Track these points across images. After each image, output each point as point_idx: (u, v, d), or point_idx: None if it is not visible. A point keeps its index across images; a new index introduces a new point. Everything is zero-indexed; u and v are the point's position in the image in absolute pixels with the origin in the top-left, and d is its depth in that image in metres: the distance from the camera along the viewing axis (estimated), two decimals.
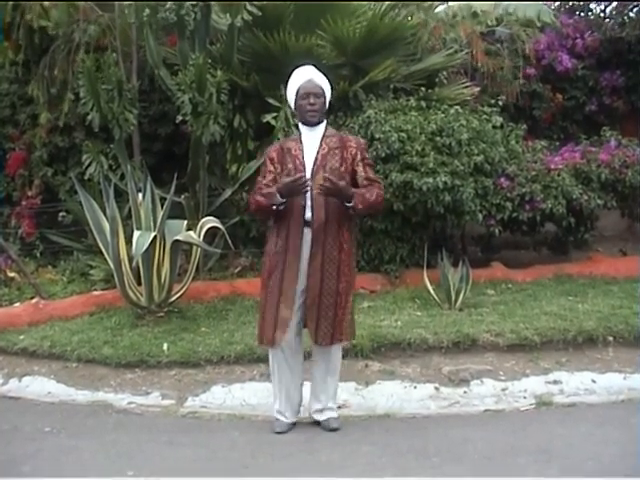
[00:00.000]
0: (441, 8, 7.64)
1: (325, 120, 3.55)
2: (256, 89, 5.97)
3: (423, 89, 6.09)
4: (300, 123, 3.55)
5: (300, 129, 3.55)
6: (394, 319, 4.75)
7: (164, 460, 3.24)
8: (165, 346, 4.48)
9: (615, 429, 3.39)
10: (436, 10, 7.49)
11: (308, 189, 3.32)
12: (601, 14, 8.76)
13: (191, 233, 4.89)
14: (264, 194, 3.40)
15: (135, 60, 5.94)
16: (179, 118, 5.52)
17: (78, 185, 5.19)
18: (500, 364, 4.21)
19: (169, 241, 4.78)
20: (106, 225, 4.96)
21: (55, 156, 6.87)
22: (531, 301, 5.12)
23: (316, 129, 3.49)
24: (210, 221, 5.09)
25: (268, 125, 5.71)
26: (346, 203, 3.35)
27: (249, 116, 6.05)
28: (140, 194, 5.09)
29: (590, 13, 8.82)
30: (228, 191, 5.99)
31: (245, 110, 6.06)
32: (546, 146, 6.34)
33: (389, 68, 5.97)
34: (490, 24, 7.48)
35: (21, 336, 4.87)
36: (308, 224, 3.37)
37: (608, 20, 8.37)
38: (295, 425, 3.55)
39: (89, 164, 5.81)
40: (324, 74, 3.55)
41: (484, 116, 5.81)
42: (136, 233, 4.63)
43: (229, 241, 5.14)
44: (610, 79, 7.98)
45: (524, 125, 6.48)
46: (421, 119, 5.55)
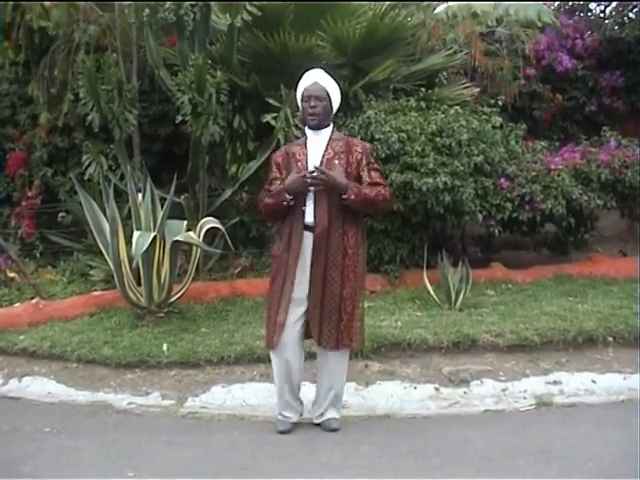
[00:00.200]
0: (441, 8, 7.65)
1: (331, 124, 3.52)
2: (256, 89, 5.97)
3: (423, 89, 6.09)
4: (306, 127, 3.54)
5: (306, 133, 3.54)
6: (394, 319, 4.74)
7: (164, 460, 3.24)
8: (165, 346, 4.48)
9: (615, 430, 3.39)
10: (436, 10, 7.49)
11: (313, 185, 3.31)
12: (601, 14, 8.76)
13: (191, 233, 4.89)
14: (272, 195, 3.42)
15: (135, 60, 5.94)
16: (179, 118, 5.52)
17: (78, 185, 5.19)
18: (500, 364, 4.21)
19: (169, 241, 4.78)
20: (106, 225, 4.96)
21: (55, 156, 6.88)
22: (531, 301, 5.12)
23: (321, 133, 3.48)
24: (210, 221, 5.09)
25: (268, 125, 5.71)
26: (342, 196, 3.33)
27: (249, 116, 6.05)
28: (140, 194, 5.09)
29: (590, 13, 8.82)
30: (228, 191, 6.00)
31: (245, 110, 6.06)
32: (546, 146, 6.34)
33: (389, 68, 5.97)
34: (490, 24, 7.49)
35: (21, 336, 4.87)
36: (310, 228, 3.37)
37: (608, 20, 8.37)
38: (297, 425, 3.55)
39: (89, 164, 5.81)
40: (333, 77, 3.52)
41: (484, 116, 5.81)
42: (136, 233, 4.63)
43: (229, 241, 5.14)
44: (610, 79, 7.98)
45: (524, 125, 6.48)
46: (421, 119, 5.55)
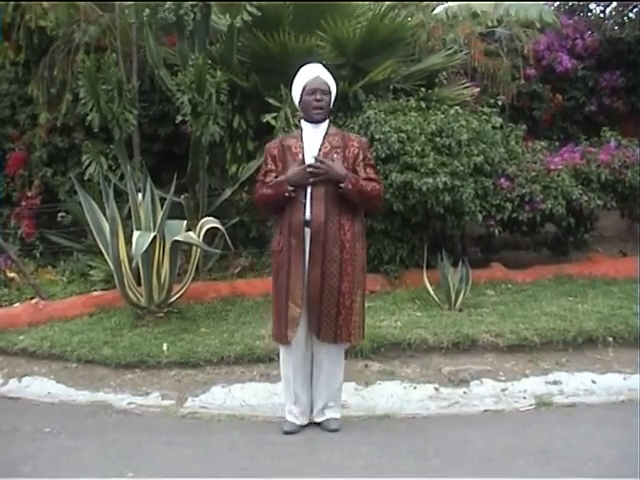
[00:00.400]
0: (441, 8, 7.65)
1: (328, 119, 3.54)
2: (256, 89, 5.97)
3: (423, 90, 6.09)
4: (303, 120, 3.53)
5: (302, 126, 3.53)
6: (394, 319, 4.74)
7: (164, 461, 3.24)
8: (165, 346, 4.48)
9: (615, 430, 3.39)
10: (436, 10, 7.49)
11: (314, 175, 3.31)
12: (601, 15, 8.77)
13: (191, 233, 4.89)
14: (271, 186, 3.40)
15: (135, 60, 5.94)
16: (179, 118, 5.53)
17: (78, 185, 5.19)
18: (500, 364, 4.21)
19: (169, 241, 4.78)
20: (106, 225, 4.96)
21: (55, 156, 6.88)
22: (531, 302, 5.12)
23: (319, 127, 3.48)
24: (210, 221, 5.08)
25: (268, 125, 5.70)
26: (339, 185, 3.34)
27: (249, 116, 6.05)
28: (140, 194, 5.09)
29: (590, 14, 8.82)
30: (228, 191, 6.00)
31: (245, 110, 6.06)
32: (546, 147, 6.34)
33: (389, 69, 5.97)
34: (490, 25, 7.49)
35: (21, 336, 4.87)
36: (307, 223, 3.37)
37: (608, 21, 8.37)
38: (304, 427, 3.52)
39: (89, 164, 5.81)
40: (330, 72, 3.54)
41: (484, 117, 5.81)
42: (136, 233, 4.63)
43: (229, 241, 5.14)
44: (610, 79, 7.98)
45: (524, 126, 6.48)
46: (421, 120, 5.55)
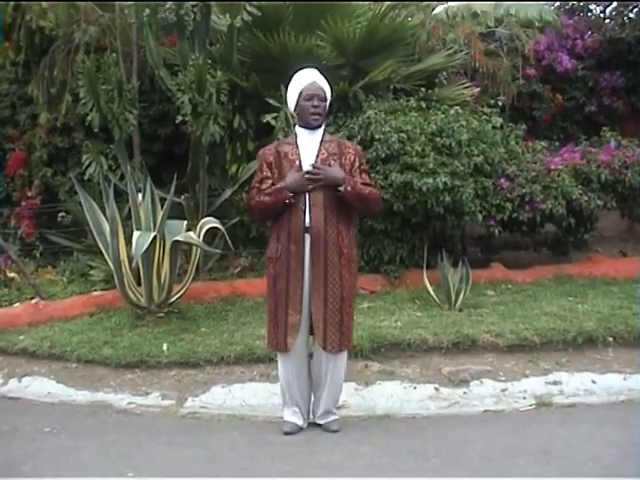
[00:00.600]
0: (441, 8, 7.65)
1: (324, 125, 3.51)
2: (256, 89, 5.98)
3: (423, 90, 6.09)
4: (298, 126, 3.49)
5: (297, 132, 3.49)
6: (394, 319, 4.75)
7: (164, 461, 3.23)
8: (165, 346, 4.48)
9: (615, 430, 3.39)
10: (436, 10, 7.50)
11: (314, 181, 3.30)
12: (601, 15, 8.77)
13: (191, 233, 4.89)
14: (270, 193, 3.37)
15: (135, 60, 5.94)
16: (179, 118, 5.52)
17: (78, 185, 5.19)
18: (500, 365, 4.21)
19: (169, 241, 4.78)
20: (106, 225, 4.96)
21: (55, 156, 6.89)
22: (531, 302, 5.12)
23: (315, 133, 3.45)
24: (210, 221, 5.08)
25: (268, 125, 5.71)
26: (338, 188, 3.32)
27: (249, 116, 6.06)
28: (140, 194, 5.09)
29: (590, 14, 8.82)
30: (228, 191, 6.00)
31: (245, 110, 6.07)
32: (546, 147, 6.34)
33: (389, 69, 5.97)
34: (490, 25, 7.49)
35: (21, 336, 4.87)
36: (307, 230, 3.34)
37: (608, 21, 8.38)
38: (304, 428, 3.52)
39: (89, 164, 5.81)
40: (325, 77, 3.52)
41: (484, 117, 5.82)
42: (136, 233, 4.63)
43: (229, 241, 5.14)
44: (610, 80, 7.98)
45: (524, 126, 6.48)
46: (421, 120, 5.55)
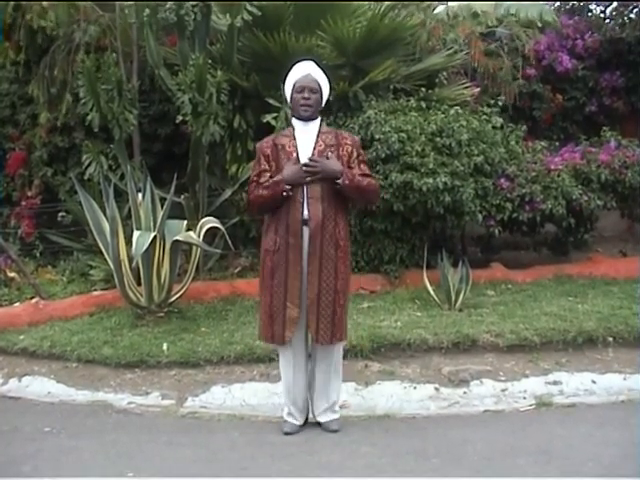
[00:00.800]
0: (441, 8, 7.65)
1: (320, 117, 3.51)
2: (256, 89, 5.97)
3: (423, 89, 6.08)
4: (294, 118, 3.51)
5: (294, 124, 3.50)
6: (394, 319, 4.74)
7: (164, 460, 3.24)
8: (165, 346, 4.48)
9: (615, 430, 3.39)
10: (436, 10, 7.49)
11: (311, 174, 3.30)
12: (601, 15, 8.77)
13: (191, 233, 4.89)
14: (267, 186, 3.37)
15: (135, 60, 5.94)
16: (179, 118, 5.52)
17: (78, 185, 5.19)
18: (500, 365, 4.21)
19: (169, 241, 4.78)
20: (106, 225, 4.96)
21: (55, 156, 6.88)
22: (531, 302, 5.12)
23: (310, 125, 3.45)
24: (210, 221, 5.08)
25: (268, 125, 5.70)
26: (335, 181, 3.32)
27: (249, 116, 6.05)
28: (140, 194, 5.09)
29: (590, 14, 8.82)
30: (228, 191, 6.00)
31: (245, 110, 6.06)
32: (546, 147, 6.34)
33: (389, 68, 5.97)
34: (490, 24, 7.49)
35: (21, 336, 4.87)
36: (306, 222, 3.34)
37: (608, 21, 8.38)
38: (304, 428, 3.52)
39: (89, 164, 5.81)
40: (323, 71, 3.52)
41: (484, 117, 5.81)
42: (136, 233, 4.63)
43: (229, 241, 5.14)
44: (610, 80, 7.98)
45: (524, 126, 6.48)
46: (421, 120, 5.55)
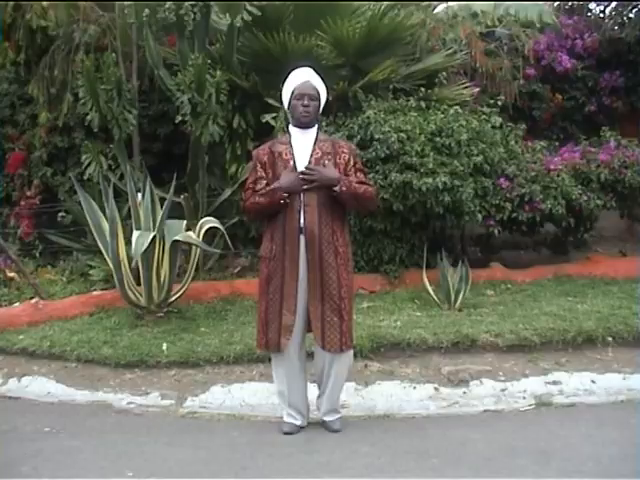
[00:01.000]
0: (441, 8, 7.64)
1: (317, 124, 3.50)
2: (255, 89, 5.98)
3: (423, 89, 6.09)
4: (291, 125, 3.50)
5: (290, 131, 3.49)
6: (393, 319, 4.75)
7: (163, 460, 3.23)
8: (164, 346, 4.48)
9: (614, 430, 3.39)
10: (436, 10, 7.49)
11: (308, 182, 3.30)
12: (600, 15, 8.78)
13: (190, 233, 4.90)
14: (264, 194, 3.37)
15: (135, 60, 5.94)
16: (178, 118, 5.53)
17: (77, 185, 5.19)
18: (499, 364, 4.21)
19: (168, 241, 4.78)
20: (105, 225, 4.96)
21: (54, 156, 6.89)
22: (530, 301, 5.12)
23: (308, 132, 3.44)
24: (209, 221, 5.08)
25: (267, 125, 5.71)
26: (333, 189, 3.31)
27: (248, 116, 6.05)
28: (139, 194, 5.08)
29: (590, 14, 8.83)
30: (227, 191, 6.00)
31: (244, 110, 6.06)
32: (545, 146, 6.34)
33: (389, 68, 5.97)
34: (490, 24, 7.48)
35: (20, 336, 4.87)
36: (302, 230, 3.33)
37: (607, 21, 8.38)
38: (303, 427, 3.52)
39: (88, 164, 5.82)
40: (321, 77, 3.50)
41: (483, 116, 5.81)
42: (135, 233, 4.63)
43: (228, 241, 5.14)
44: (609, 79, 7.99)
45: (523, 125, 6.49)
46: (421, 119, 5.55)
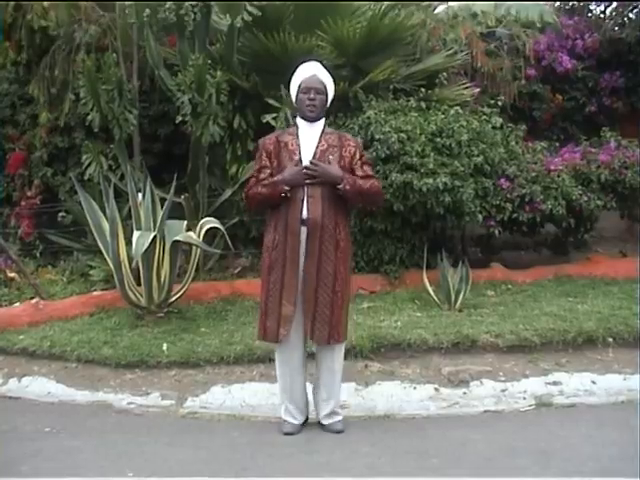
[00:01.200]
0: (441, 8, 7.65)
1: (324, 118, 3.53)
2: (256, 90, 5.98)
3: (423, 90, 6.09)
4: (299, 118, 3.52)
5: (298, 124, 3.52)
6: (394, 320, 4.74)
7: (164, 461, 3.24)
8: (165, 346, 4.48)
9: (615, 430, 3.39)
10: (436, 11, 7.49)
11: (310, 177, 3.31)
12: (601, 15, 8.78)
13: (191, 233, 4.90)
14: (266, 185, 3.38)
15: (135, 60, 5.94)
16: (179, 118, 5.52)
17: (78, 185, 5.19)
18: (500, 365, 4.21)
19: (169, 241, 4.78)
20: (106, 225, 4.96)
21: (55, 156, 6.88)
22: (531, 302, 5.12)
23: (315, 125, 3.47)
24: (210, 221, 5.09)
25: (268, 126, 5.70)
26: (337, 186, 3.33)
27: (249, 117, 6.05)
28: (140, 194, 5.09)
29: (590, 14, 8.83)
30: (228, 192, 6.00)
31: (245, 111, 6.06)
32: (546, 147, 6.34)
33: (389, 69, 5.97)
34: (490, 25, 7.49)
35: (21, 336, 4.86)
36: (305, 222, 3.35)
37: (608, 21, 8.38)
38: (304, 427, 3.52)
39: (89, 164, 5.82)
40: (328, 71, 3.53)
41: (484, 117, 5.81)
42: (136, 233, 4.63)
43: (229, 242, 5.14)
44: (610, 80, 7.99)
45: (524, 126, 6.49)
46: (421, 120, 5.55)
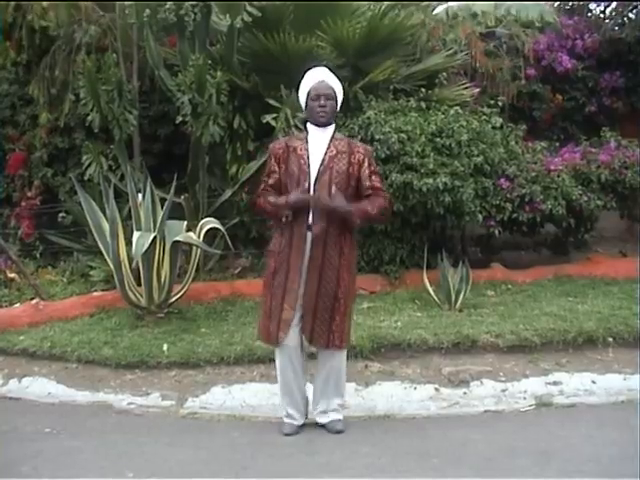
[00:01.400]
0: (441, 9, 7.65)
1: (334, 123, 3.52)
2: (256, 90, 5.98)
3: (423, 90, 6.10)
4: (309, 123, 3.52)
5: (308, 129, 3.52)
6: (394, 320, 4.75)
7: (164, 461, 3.24)
8: (165, 347, 4.49)
9: (615, 430, 3.39)
10: (436, 11, 7.49)
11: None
12: (601, 15, 8.78)
13: (191, 234, 4.90)
14: (272, 203, 3.41)
15: (135, 61, 5.94)
16: (179, 119, 5.53)
17: (78, 186, 5.19)
18: (500, 365, 4.21)
19: (169, 242, 4.78)
20: (106, 226, 4.96)
21: (55, 157, 6.89)
22: (531, 302, 5.12)
23: (325, 130, 3.47)
24: (210, 222, 5.09)
25: (268, 126, 5.71)
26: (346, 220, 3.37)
27: (249, 117, 6.05)
28: (140, 195, 5.09)
29: (590, 14, 8.83)
30: (228, 192, 6.00)
31: (245, 111, 6.07)
32: (546, 147, 6.34)
33: (389, 69, 5.97)
34: (490, 25, 7.49)
35: (21, 337, 4.87)
36: (310, 228, 3.37)
37: (608, 21, 8.38)
38: (304, 428, 3.52)
39: (89, 165, 5.82)
40: (336, 75, 3.52)
41: (484, 117, 5.82)
42: (136, 234, 4.63)
43: (229, 242, 5.15)
44: (610, 80, 7.99)
45: (524, 126, 6.49)
46: (421, 120, 5.55)
